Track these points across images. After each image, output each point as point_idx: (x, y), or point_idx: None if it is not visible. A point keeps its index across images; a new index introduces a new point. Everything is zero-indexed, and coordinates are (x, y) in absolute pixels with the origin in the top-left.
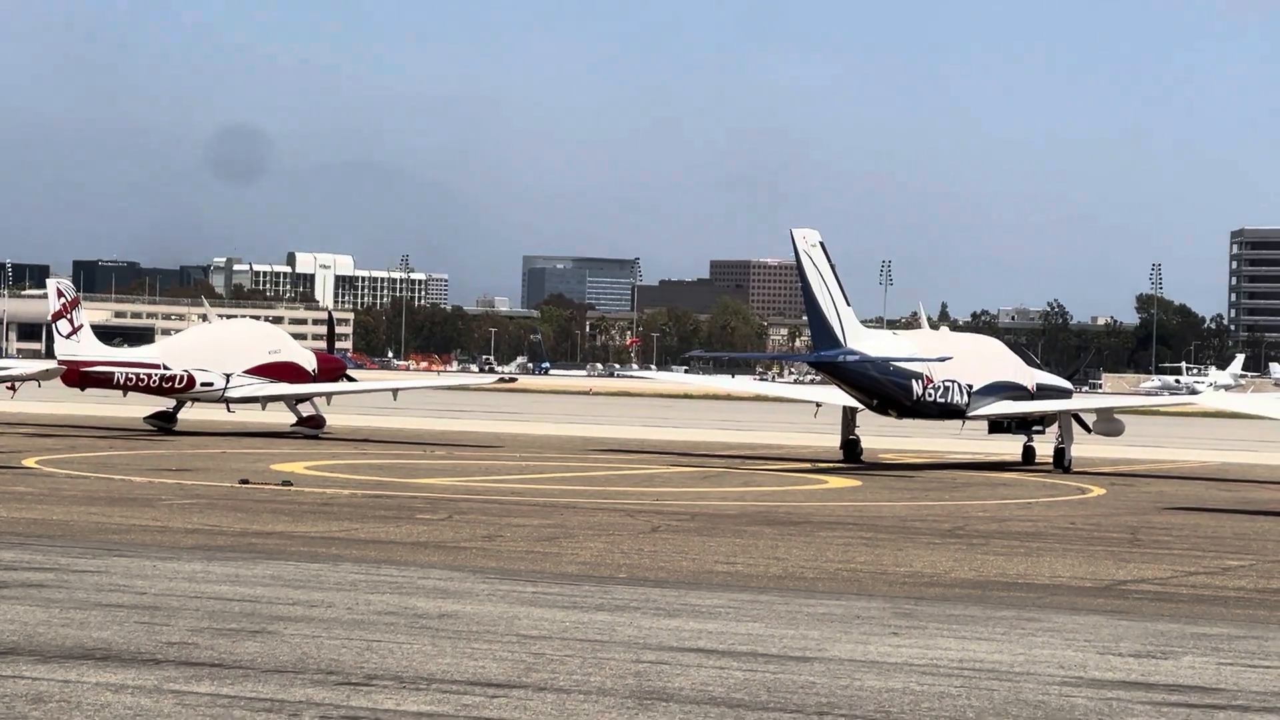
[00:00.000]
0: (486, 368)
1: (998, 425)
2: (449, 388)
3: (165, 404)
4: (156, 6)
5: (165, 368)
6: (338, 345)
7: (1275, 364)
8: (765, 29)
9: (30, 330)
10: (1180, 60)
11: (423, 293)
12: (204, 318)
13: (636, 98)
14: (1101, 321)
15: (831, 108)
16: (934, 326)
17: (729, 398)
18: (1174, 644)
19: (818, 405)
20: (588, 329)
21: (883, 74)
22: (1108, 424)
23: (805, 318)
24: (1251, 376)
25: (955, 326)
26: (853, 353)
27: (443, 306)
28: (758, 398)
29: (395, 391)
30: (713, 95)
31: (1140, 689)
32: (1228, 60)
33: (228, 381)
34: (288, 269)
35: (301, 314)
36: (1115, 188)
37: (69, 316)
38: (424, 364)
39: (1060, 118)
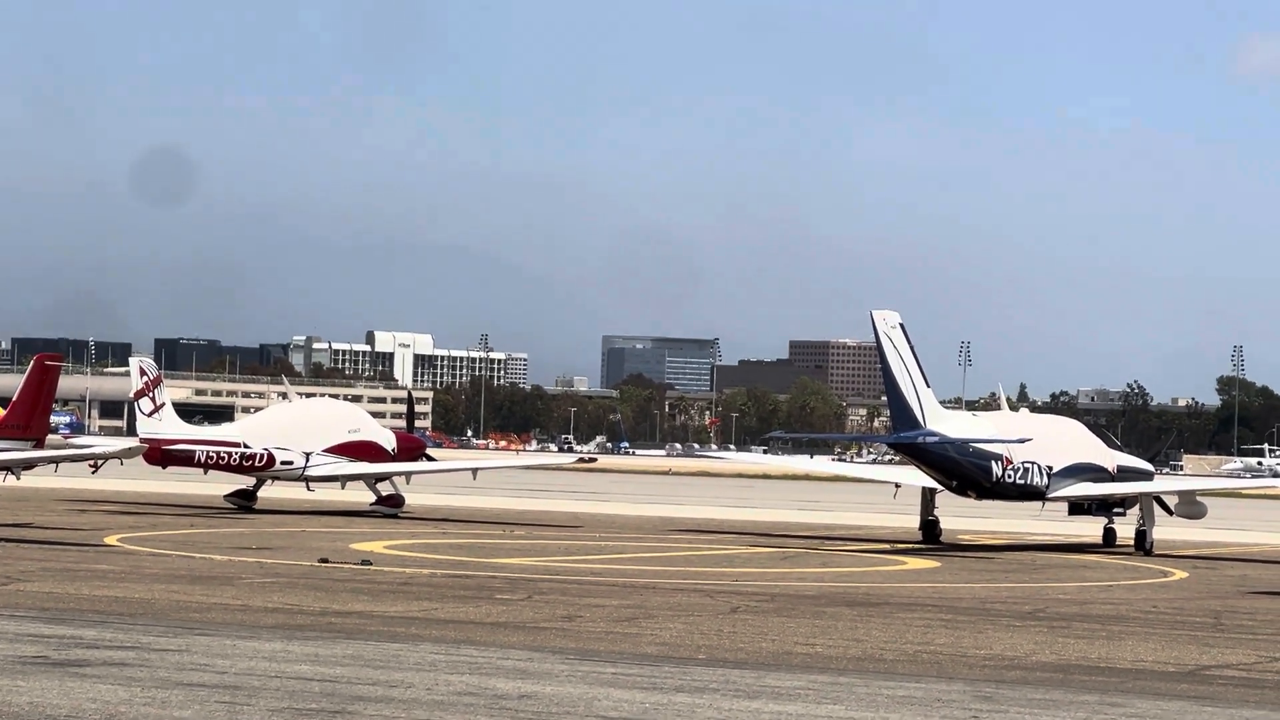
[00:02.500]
0: (566, 447)
1: (1078, 507)
2: (528, 467)
3: (245, 482)
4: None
5: (246, 446)
6: (417, 424)
7: None
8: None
9: (112, 408)
10: (1262, 143)
11: (502, 372)
12: (284, 396)
13: (716, 177)
14: (1182, 403)
15: (912, 187)
16: (1013, 408)
17: (807, 478)
18: None
19: (897, 486)
20: (667, 409)
21: (960, 154)
22: (1189, 506)
23: (884, 398)
24: None
25: (1034, 408)
26: (932, 434)
27: (522, 386)
28: (836, 478)
29: (475, 471)
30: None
31: None
32: None
33: (307, 460)
34: (367, 348)
35: (380, 393)
36: (1196, 268)
37: (151, 395)
38: (503, 443)
39: (1137, 197)
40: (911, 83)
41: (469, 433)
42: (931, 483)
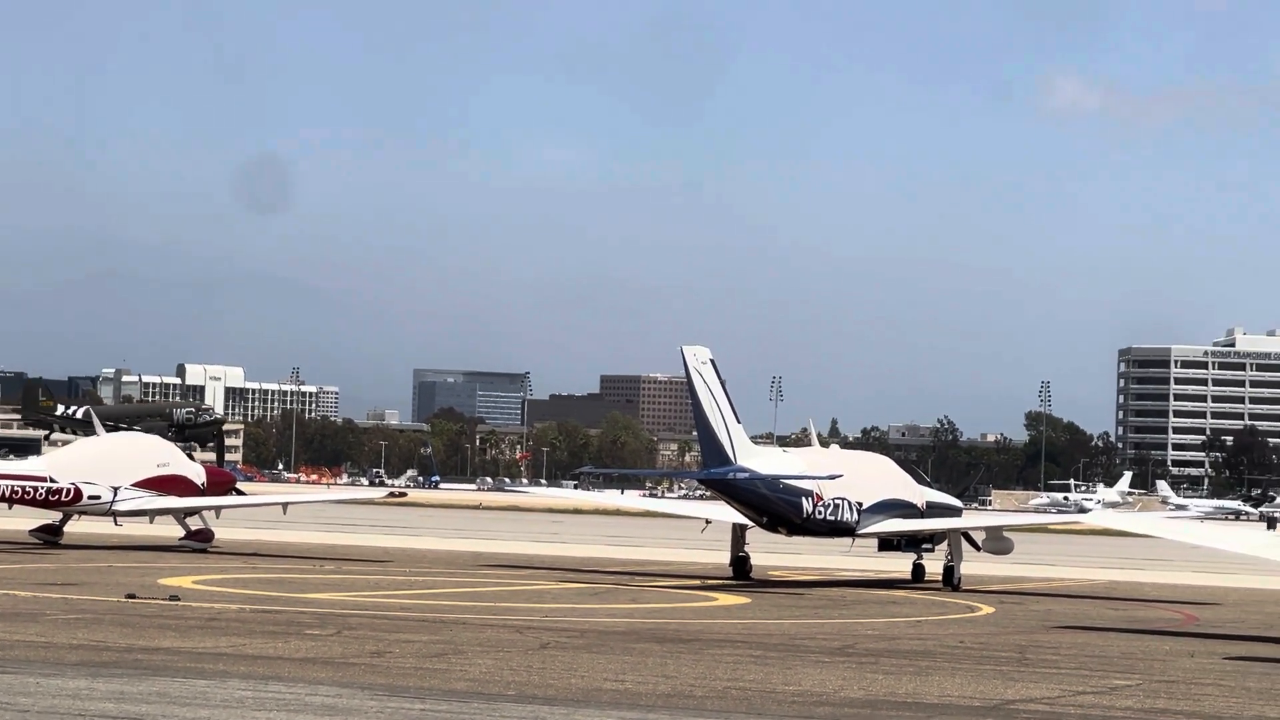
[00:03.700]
0: (377, 481)
1: (887, 543)
2: (339, 501)
3: (51, 517)
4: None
5: (52, 480)
6: (227, 458)
7: (1162, 482)
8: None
9: None
10: (1067, 180)
11: (313, 405)
12: (91, 429)
13: (524, 213)
14: (991, 438)
15: (721, 223)
16: (824, 443)
17: (618, 513)
18: None
19: (707, 522)
20: (478, 443)
21: (770, 188)
22: (997, 542)
23: (695, 434)
24: (1139, 494)
25: (845, 443)
26: (743, 470)
27: (333, 419)
28: (647, 514)
29: (285, 505)
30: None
31: None
32: (1110, 179)
33: (115, 494)
34: (177, 380)
35: None
36: (1004, 306)
37: None
38: (314, 476)
39: (949, 236)
40: (722, 119)
41: (280, 466)
42: (742, 519)
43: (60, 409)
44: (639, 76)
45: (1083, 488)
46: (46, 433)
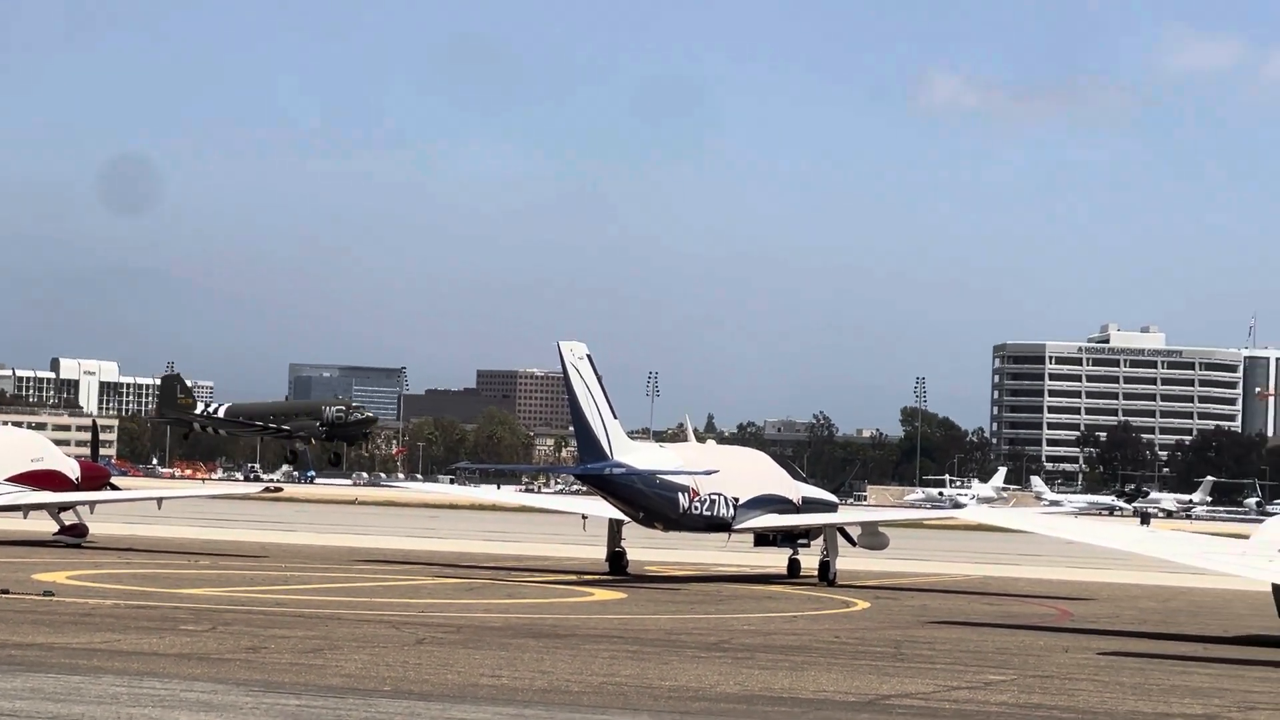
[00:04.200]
0: (252, 476)
1: (763, 538)
2: (214, 496)
3: None
4: None
5: None
6: (101, 453)
7: (1036, 477)
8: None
9: None
10: (944, 177)
11: None
12: None
13: (401, 207)
14: (867, 434)
15: (598, 219)
16: (700, 439)
17: (494, 508)
18: None
19: (584, 517)
20: None
21: (648, 184)
22: (872, 537)
23: (572, 429)
24: (1014, 490)
25: (722, 439)
26: (619, 465)
27: None
28: (523, 509)
29: (159, 500)
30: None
31: None
32: (986, 177)
33: None
34: (51, 375)
35: (65, 420)
36: (880, 303)
37: None
38: (189, 471)
39: (825, 233)
40: (602, 115)
41: (154, 461)
42: (618, 514)
43: (200, 407)
44: (521, 71)
45: (958, 483)
46: (186, 432)
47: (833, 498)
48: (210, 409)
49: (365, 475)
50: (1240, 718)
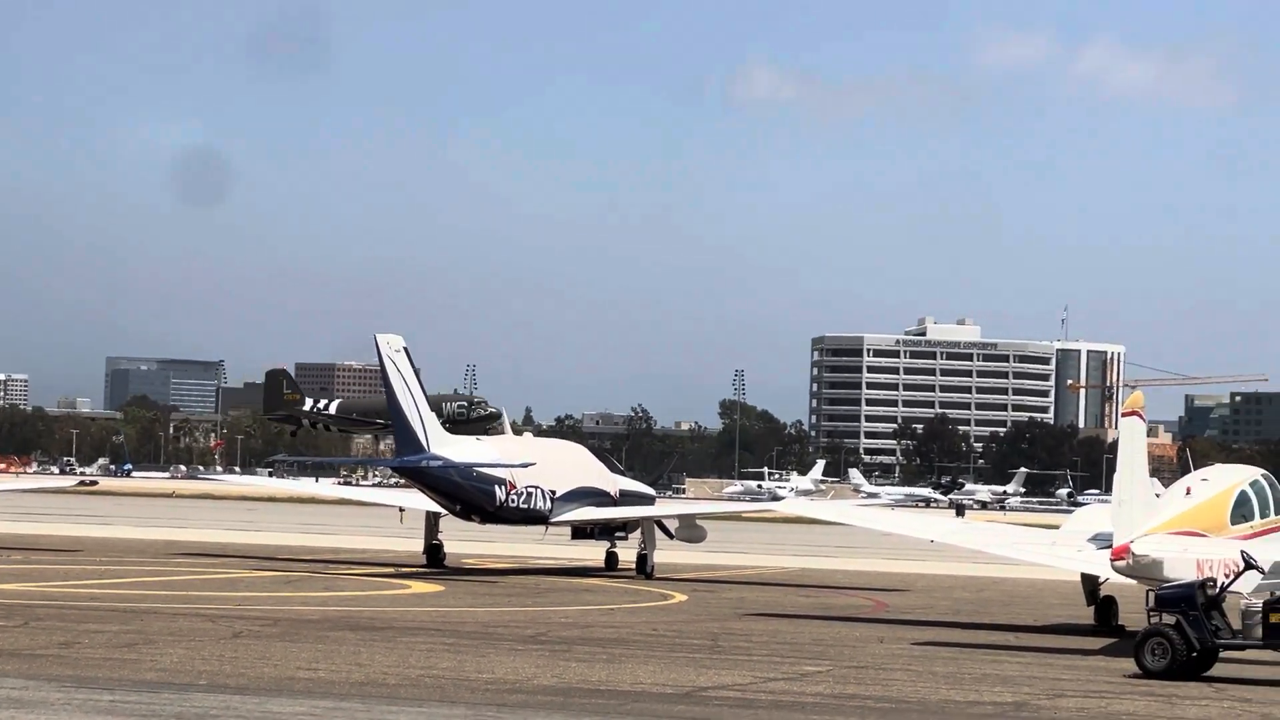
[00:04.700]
0: (68, 469)
1: (581, 531)
2: (27, 490)
3: None
4: None
5: None
6: None
7: (854, 470)
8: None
9: None
10: (762, 170)
11: (2, 393)
12: None
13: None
14: (685, 427)
15: (415, 210)
16: (518, 432)
17: (313, 501)
18: None
19: (401, 510)
20: (172, 430)
21: (465, 176)
22: (690, 530)
23: (390, 422)
24: (831, 482)
25: (539, 432)
26: (436, 458)
27: (22, 407)
28: (341, 501)
29: None
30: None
31: None
32: (805, 170)
33: None
34: None
35: None
36: (699, 295)
37: None
38: (2, 465)
39: (644, 227)
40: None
41: None
42: (436, 507)
43: (309, 403)
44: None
45: (776, 476)
46: (294, 430)
47: (650, 491)
48: (320, 406)
49: (183, 468)
50: (1049, 705)
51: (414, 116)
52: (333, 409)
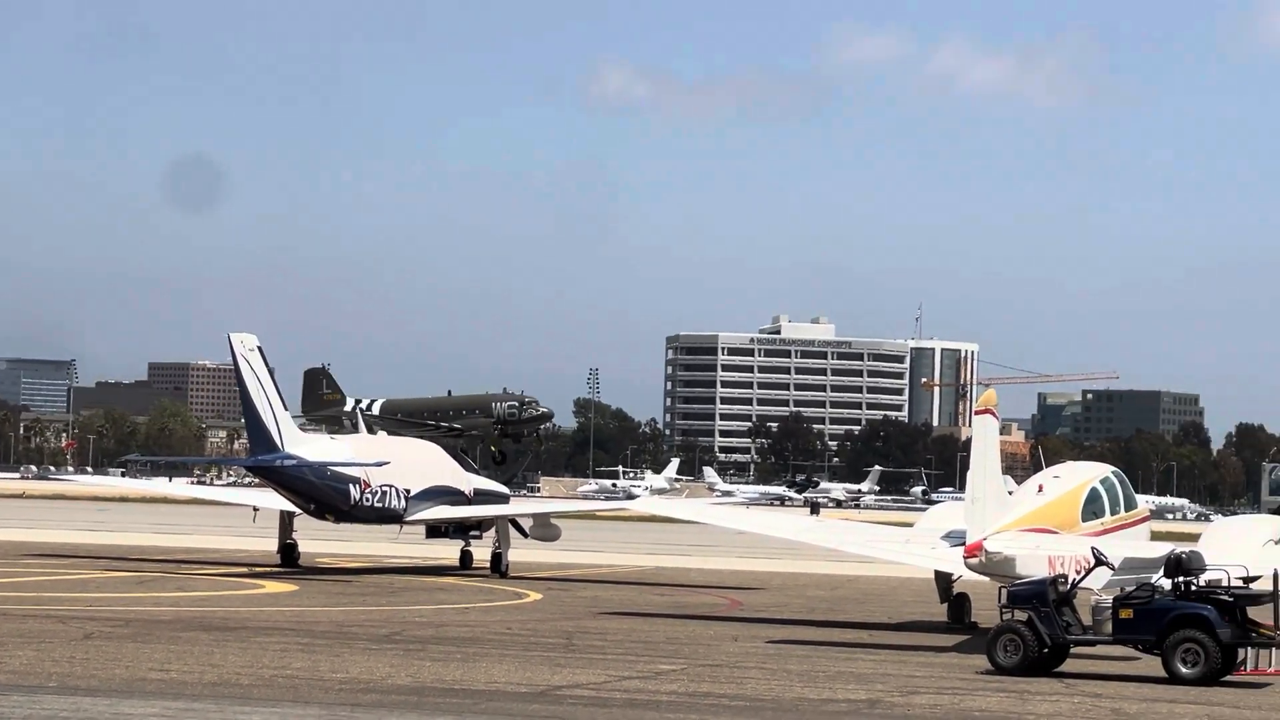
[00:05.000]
0: None
1: (435, 530)
2: None
3: None
4: None
5: None
6: None
7: (709, 468)
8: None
9: None
10: (616, 169)
11: None
12: None
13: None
14: None
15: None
16: (371, 431)
17: (166, 501)
18: None
19: (255, 509)
20: (22, 430)
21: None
22: (544, 529)
23: (244, 421)
24: (686, 480)
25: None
26: (290, 457)
27: None
28: (195, 501)
29: None
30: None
31: None
32: (658, 168)
33: None
34: None
35: None
36: (554, 294)
37: None
38: None
39: (495, 221)
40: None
41: None
42: (290, 506)
43: (350, 402)
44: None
45: (631, 475)
46: (336, 430)
47: (505, 489)
48: (364, 405)
49: (34, 468)
50: (903, 702)
51: (267, 116)
52: (376, 409)
